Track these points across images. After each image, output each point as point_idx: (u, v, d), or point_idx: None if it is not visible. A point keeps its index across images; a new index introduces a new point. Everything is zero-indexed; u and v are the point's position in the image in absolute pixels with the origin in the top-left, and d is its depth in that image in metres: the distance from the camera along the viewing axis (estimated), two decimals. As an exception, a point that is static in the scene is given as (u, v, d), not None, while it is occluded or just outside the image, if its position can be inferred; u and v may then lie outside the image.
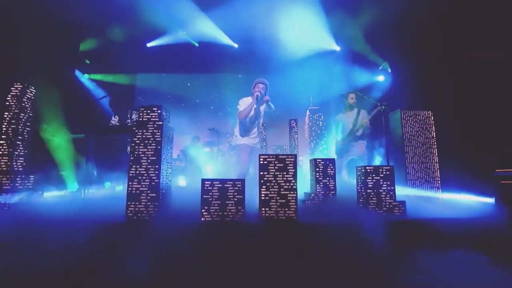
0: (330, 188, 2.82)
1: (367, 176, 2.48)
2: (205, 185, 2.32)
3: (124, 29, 5.95)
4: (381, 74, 6.64)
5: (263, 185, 2.36)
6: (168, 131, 2.51)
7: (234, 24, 6.44)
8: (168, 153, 2.49)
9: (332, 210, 2.53)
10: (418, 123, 2.95)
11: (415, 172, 2.87)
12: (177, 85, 6.98)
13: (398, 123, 3.01)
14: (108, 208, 2.44)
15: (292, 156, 2.39)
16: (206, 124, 6.14)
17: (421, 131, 2.94)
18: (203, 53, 6.96)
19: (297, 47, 7.20)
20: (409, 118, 2.96)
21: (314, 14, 5.98)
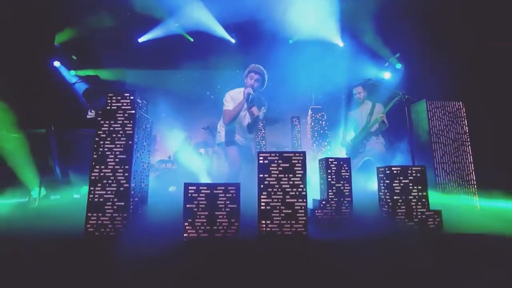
0: (345, 194, 2.35)
1: (393, 179, 2.01)
2: (188, 191, 1.85)
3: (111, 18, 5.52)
4: (388, 70, 6.24)
5: (263, 191, 1.88)
6: (144, 123, 2.04)
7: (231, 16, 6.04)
8: (144, 150, 2.02)
9: (350, 222, 2.06)
10: (447, 116, 2.51)
11: (445, 174, 2.42)
12: (169, 80, 6.52)
13: (423, 116, 2.57)
14: (65, 221, 1.95)
15: (300, 154, 1.92)
16: (200, 123, 5.67)
17: (451, 125, 2.50)
18: (198, 48, 6.54)
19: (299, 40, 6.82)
20: (437, 110, 2.52)
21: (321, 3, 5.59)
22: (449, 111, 2.52)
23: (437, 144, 2.46)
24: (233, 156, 2.84)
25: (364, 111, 3.68)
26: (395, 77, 6.02)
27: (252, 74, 2.68)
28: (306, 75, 6.30)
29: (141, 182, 1.96)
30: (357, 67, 6.28)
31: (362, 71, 6.10)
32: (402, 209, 1.96)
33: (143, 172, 2.00)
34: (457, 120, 2.52)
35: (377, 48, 6.05)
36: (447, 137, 2.48)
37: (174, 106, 6.16)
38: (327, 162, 2.40)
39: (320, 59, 6.50)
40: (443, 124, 2.50)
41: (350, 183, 2.38)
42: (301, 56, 6.47)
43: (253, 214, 1.90)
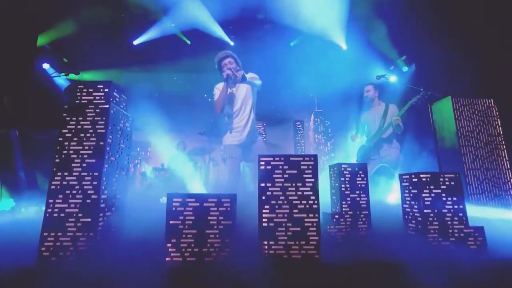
0: (362, 206, 2.01)
1: (422, 189, 1.68)
2: (173, 205, 1.51)
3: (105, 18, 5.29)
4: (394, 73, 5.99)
5: (265, 204, 1.55)
6: (122, 121, 1.72)
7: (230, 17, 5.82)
8: (120, 153, 1.69)
9: (370, 240, 1.72)
10: (476, 115, 2.20)
11: (478, 182, 2.09)
12: (164, 82, 6.24)
13: (448, 116, 2.26)
14: (20, 241, 1.61)
15: (310, 158, 1.59)
16: (196, 127, 5.36)
17: (482, 126, 2.19)
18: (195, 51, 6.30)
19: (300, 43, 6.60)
20: (464, 108, 2.21)
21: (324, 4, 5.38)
22: (479, 110, 2.22)
23: (467, 148, 2.15)
24: (229, 162, 2.55)
25: (377, 113, 3.37)
26: (401, 80, 5.76)
27: (224, 62, 2.58)
28: (308, 78, 6.04)
29: (116, 192, 1.63)
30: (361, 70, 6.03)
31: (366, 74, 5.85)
32: (434, 225, 1.63)
33: (118, 180, 1.67)
34: (489, 120, 2.22)
35: (383, 50, 5.80)
36: (478, 139, 2.16)
37: (168, 109, 5.87)
38: (340, 169, 2.07)
39: (323, 62, 6.26)
40: (473, 125, 2.19)
41: (367, 193, 2.05)
42: (303, 59, 6.24)
43: (253, 233, 1.56)
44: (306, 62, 6.41)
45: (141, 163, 5.50)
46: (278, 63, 5.92)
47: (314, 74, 6.06)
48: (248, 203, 1.95)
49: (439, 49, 3.32)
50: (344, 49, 6.46)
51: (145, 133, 5.83)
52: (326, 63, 6.25)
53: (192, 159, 4.99)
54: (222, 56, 2.63)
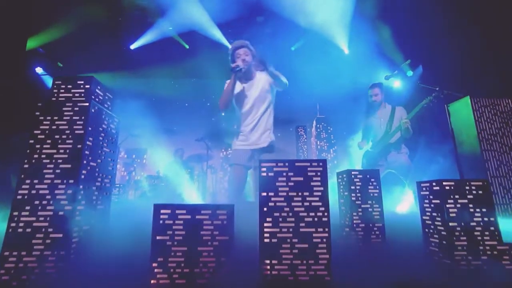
0: (375, 217, 1.81)
1: (445, 199, 1.48)
2: (160, 217, 1.32)
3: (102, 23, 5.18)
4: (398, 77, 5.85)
5: (267, 216, 1.35)
6: (106, 122, 1.54)
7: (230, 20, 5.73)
8: (103, 158, 1.50)
9: (388, 259, 1.51)
10: (499, 117, 2.02)
11: (505, 191, 1.89)
12: (162, 87, 6.10)
13: (466, 117, 2.08)
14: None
15: (319, 163, 1.40)
16: (194, 133, 5.17)
17: (506, 129, 2.01)
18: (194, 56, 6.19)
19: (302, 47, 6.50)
20: (485, 109, 2.04)
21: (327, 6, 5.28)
22: (501, 111, 2.05)
23: (490, 153, 1.96)
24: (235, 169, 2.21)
25: (383, 116, 3.19)
26: (405, 85, 5.62)
27: (238, 51, 2.18)
28: (310, 83, 5.90)
29: (96, 203, 1.43)
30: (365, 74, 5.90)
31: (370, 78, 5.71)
32: (462, 241, 1.42)
33: (100, 189, 1.47)
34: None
35: (387, 53, 5.68)
36: (501, 143, 1.98)
37: (165, 114, 5.71)
38: (350, 176, 1.88)
39: (325, 66, 6.13)
40: (495, 127, 2.02)
41: (381, 203, 1.85)
42: (304, 64, 6.12)
43: (254, 250, 1.36)
44: (307, 67, 6.29)
45: (135, 170, 5.30)
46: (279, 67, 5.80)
47: (315, 79, 5.92)
48: (248, 216, 1.75)
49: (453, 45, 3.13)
50: (347, 53, 6.36)
51: (141, 139, 5.65)
52: (328, 67, 6.13)
53: (189, 167, 4.79)
54: (237, 45, 2.22)
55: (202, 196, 4.67)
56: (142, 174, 5.38)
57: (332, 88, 5.91)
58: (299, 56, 6.46)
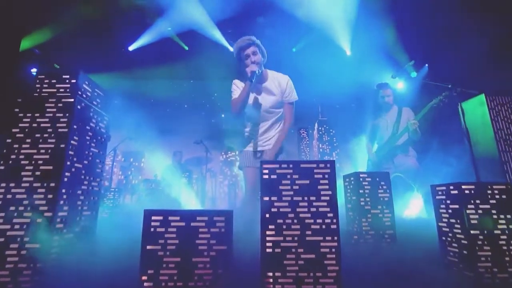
0: (386, 224, 1.69)
1: (465, 204, 1.36)
2: (150, 224, 1.20)
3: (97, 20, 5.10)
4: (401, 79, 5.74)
5: (269, 223, 1.23)
6: (93, 119, 1.42)
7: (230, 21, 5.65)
8: (90, 159, 1.38)
9: (402, 270, 1.38)
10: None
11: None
12: (160, 88, 6.01)
13: (482, 116, 1.96)
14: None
15: (326, 163, 1.28)
16: (193, 136, 5.05)
17: (524, 128, 1.89)
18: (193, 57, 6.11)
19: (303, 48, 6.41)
20: (502, 107, 1.92)
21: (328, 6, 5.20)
22: (519, 109, 1.93)
23: (509, 154, 1.84)
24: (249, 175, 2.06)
25: (390, 117, 3.08)
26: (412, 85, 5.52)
27: (246, 51, 2.00)
28: (311, 85, 5.80)
29: (82, 210, 1.31)
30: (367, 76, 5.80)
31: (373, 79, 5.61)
32: (485, 251, 1.29)
33: (87, 193, 1.35)
34: (531, 121, 1.92)
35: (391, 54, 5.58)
36: (520, 144, 1.86)
37: (164, 116, 5.61)
38: (358, 179, 1.76)
39: (326, 68, 6.04)
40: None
41: (392, 209, 1.73)
42: (306, 65, 6.03)
43: (255, 261, 1.23)
44: (308, 68, 6.20)
45: (133, 174, 5.18)
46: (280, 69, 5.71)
47: (317, 80, 5.82)
48: (248, 222, 1.64)
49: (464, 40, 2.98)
50: (349, 54, 6.27)
51: (139, 142, 5.55)
52: (330, 68, 6.03)
53: (188, 170, 4.67)
54: (243, 44, 2.03)
55: (201, 201, 4.54)
56: (140, 177, 5.26)
57: (334, 90, 5.81)
58: (300, 57, 6.37)
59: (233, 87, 2.15)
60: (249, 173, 2.08)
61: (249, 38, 2.06)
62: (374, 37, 5.30)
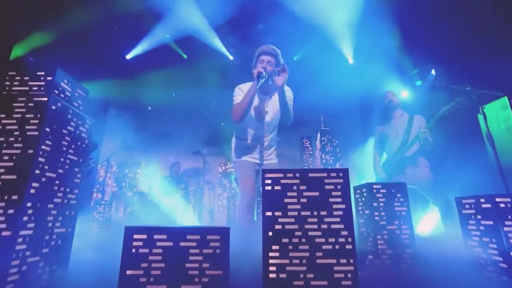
0: (404, 242, 1.50)
1: (501, 219, 1.18)
2: (132, 244, 1.02)
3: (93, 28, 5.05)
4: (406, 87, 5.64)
5: (272, 242, 1.05)
6: (71, 122, 1.27)
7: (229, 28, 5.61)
8: (67, 168, 1.22)
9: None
10: (542, 121, 1.75)
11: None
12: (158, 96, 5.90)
13: (505, 121, 1.81)
14: None
15: (339, 172, 1.12)
16: (191, 145, 4.90)
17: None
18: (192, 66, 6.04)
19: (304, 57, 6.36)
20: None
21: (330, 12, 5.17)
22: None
23: (538, 163, 1.68)
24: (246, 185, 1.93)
25: (399, 125, 2.92)
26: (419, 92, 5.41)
27: (263, 57, 1.94)
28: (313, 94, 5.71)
29: (53, 227, 1.13)
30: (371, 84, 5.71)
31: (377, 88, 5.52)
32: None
33: (62, 207, 1.18)
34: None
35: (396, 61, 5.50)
36: (549, 152, 1.70)
37: (161, 125, 5.48)
38: (371, 191, 1.59)
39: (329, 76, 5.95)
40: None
41: (410, 224, 1.54)
42: (307, 74, 5.95)
43: (257, 285, 1.05)
44: (310, 77, 6.12)
45: (127, 186, 4.99)
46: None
47: (319, 89, 5.73)
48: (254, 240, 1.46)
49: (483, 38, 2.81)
50: (351, 62, 6.21)
51: (135, 152, 5.39)
52: (332, 77, 5.94)
53: (184, 182, 4.48)
54: (265, 50, 1.97)
55: (198, 215, 4.35)
56: (134, 189, 5.06)
57: (337, 99, 5.71)
58: (302, 66, 6.30)
59: (236, 92, 2.04)
60: (248, 183, 1.95)
61: (274, 48, 2.01)
62: (378, 45, 5.24)
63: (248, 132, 2.09)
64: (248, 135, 2.09)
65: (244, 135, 2.09)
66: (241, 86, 2.07)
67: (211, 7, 4.79)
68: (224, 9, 4.89)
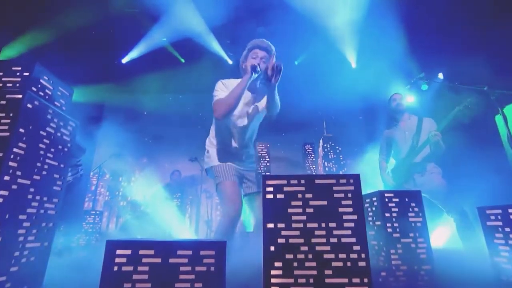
0: (421, 258, 1.39)
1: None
2: (114, 261, 0.91)
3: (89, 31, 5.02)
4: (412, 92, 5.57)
5: (274, 259, 0.94)
6: (51, 123, 1.17)
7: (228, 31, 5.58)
8: (45, 174, 1.12)
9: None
10: None
11: None
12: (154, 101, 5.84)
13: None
14: None
15: (349, 178, 1.02)
16: (188, 152, 4.79)
17: None
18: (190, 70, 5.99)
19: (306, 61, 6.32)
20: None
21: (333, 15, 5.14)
22: None
23: None
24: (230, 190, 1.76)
25: (408, 129, 2.83)
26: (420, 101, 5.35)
27: (256, 51, 1.79)
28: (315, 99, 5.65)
29: (25, 241, 1.03)
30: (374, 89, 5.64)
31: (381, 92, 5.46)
32: None
33: (37, 218, 1.08)
34: None
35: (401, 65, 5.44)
36: None
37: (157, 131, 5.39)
38: (382, 199, 1.48)
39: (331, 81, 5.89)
40: None
41: (427, 237, 1.43)
42: (309, 79, 5.90)
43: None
44: (311, 82, 6.07)
45: (121, 195, 4.88)
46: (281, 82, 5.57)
47: (321, 94, 5.67)
48: (247, 254, 1.35)
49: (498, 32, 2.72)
50: (354, 67, 6.17)
51: (130, 159, 5.29)
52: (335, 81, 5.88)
53: (181, 190, 4.37)
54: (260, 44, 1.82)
55: (195, 226, 4.22)
56: (128, 198, 4.94)
57: (340, 104, 5.64)
58: (303, 70, 6.27)
59: (218, 86, 1.85)
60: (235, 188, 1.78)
61: (269, 44, 1.86)
62: (381, 47, 5.19)
63: (230, 134, 1.92)
64: (231, 137, 1.92)
65: (226, 138, 1.92)
66: (224, 81, 1.90)
67: (210, 10, 4.76)
68: (223, 12, 4.87)
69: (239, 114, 1.86)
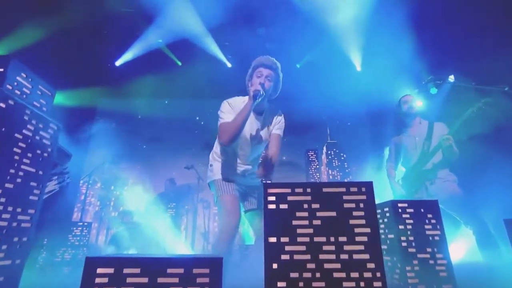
0: (441, 276, 1.30)
1: None
2: (94, 281, 0.83)
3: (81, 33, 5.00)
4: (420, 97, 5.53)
5: (277, 277, 0.86)
6: (29, 125, 1.11)
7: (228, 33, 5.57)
8: (18, 181, 1.05)
9: None
10: None
11: None
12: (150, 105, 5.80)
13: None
14: None
15: (361, 186, 0.94)
16: (185, 159, 4.72)
17: None
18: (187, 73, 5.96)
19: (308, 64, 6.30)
20: None
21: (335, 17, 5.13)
22: None
23: None
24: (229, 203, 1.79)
25: (418, 135, 2.76)
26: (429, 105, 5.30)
27: (261, 69, 1.83)
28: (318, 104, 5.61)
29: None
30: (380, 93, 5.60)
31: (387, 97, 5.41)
32: None
33: (8, 233, 1.00)
34: None
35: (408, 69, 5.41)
36: None
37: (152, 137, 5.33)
38: (396, 211, 1.40)
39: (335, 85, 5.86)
40: None
41: (447, 252, 1.35)
42: (311, 82, 5.87)
43: None
44: (314, 85, 6.04)
45: (112, 206, 4.79)
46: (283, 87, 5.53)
47: (324, 99, 5.63)
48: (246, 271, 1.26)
49: None
50: (359, 70, 6.14)
51: (122, 167, 5.21)
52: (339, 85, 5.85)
53: (176, 200, 4.29)
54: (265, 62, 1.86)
55: (191, 238, 4.12)
56: (120, 209, 4.85)
57: (344, 109, 5.60)
58: (306, 73, 6.25)
59: (224, 107, 1.88)
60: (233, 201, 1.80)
61: (274, 62, 1.90)
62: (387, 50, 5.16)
63: (235, 155, 1.95)
64: (236, 158, 1.96)
65: (230, 157, 1.96)
66: (230, 100, 1.93)
67: (208, 10, 4.75)
68: (222, 12, 4.85)
69: (245, 138, 1.90)
